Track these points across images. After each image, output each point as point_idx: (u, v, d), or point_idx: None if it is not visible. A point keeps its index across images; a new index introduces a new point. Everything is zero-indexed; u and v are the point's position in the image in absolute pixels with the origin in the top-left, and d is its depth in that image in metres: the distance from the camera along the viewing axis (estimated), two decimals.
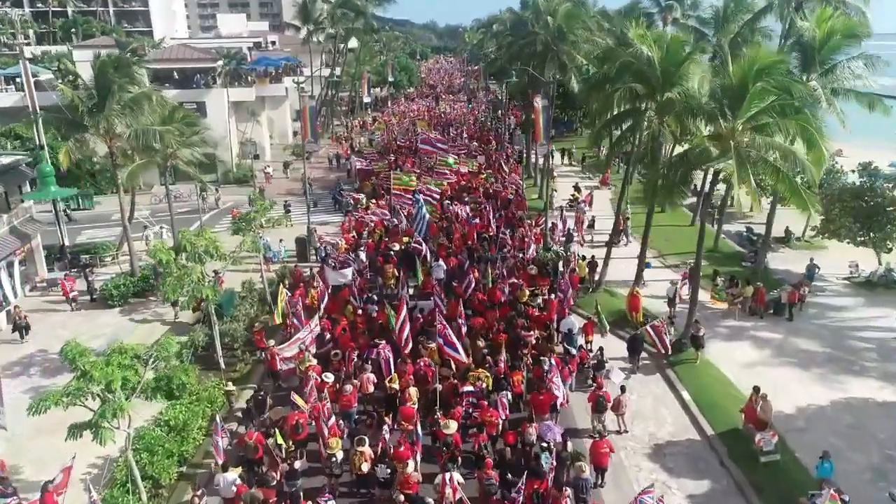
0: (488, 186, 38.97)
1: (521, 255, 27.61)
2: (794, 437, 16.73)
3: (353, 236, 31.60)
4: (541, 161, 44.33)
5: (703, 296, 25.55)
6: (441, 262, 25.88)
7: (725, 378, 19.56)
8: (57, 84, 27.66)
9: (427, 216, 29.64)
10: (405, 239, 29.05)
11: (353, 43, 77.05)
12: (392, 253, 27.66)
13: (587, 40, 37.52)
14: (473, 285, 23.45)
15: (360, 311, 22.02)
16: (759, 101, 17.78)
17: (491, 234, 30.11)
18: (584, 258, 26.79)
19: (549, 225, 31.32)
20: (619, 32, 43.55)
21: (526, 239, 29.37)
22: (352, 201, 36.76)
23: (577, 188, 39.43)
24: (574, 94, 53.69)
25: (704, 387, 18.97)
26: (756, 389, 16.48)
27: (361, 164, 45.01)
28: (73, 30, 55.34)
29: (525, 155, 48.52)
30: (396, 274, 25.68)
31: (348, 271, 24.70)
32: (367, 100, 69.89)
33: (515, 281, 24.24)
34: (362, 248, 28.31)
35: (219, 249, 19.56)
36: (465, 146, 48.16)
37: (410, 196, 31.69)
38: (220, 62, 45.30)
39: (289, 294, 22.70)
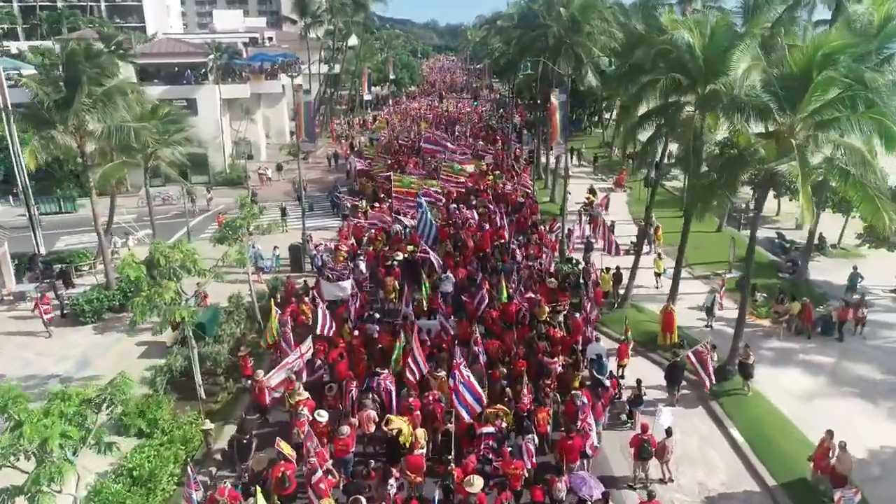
0: (497, 188, 36.44)
1: (536, 265, 25.09)
2: (869, 489, 14.13)
3: (353, 244, 29.10)
4: (553, 161, 41.88)
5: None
6: (449, 273, 23.32)
7: (779, 413, 16.99)
8: (20, 77, 25.08)
9: (431, 219, 27.16)
10: (409, 247, 26.50)
11: (354, 40, 74.70)
12: (395, 263, 25.11)
13: (604, 32, 35.02)
14: (486, 301, 20.91)
15: (357, 332, 19.44)
16: (823, 93, 15.26)
17: (503, 240, 27.59)
18: (607, 269, 24.17)
19: (566, 231, 28.73)
20: (633, 26, 41.30)
21: (541, 247, 26.83)
22: (349, 205, 34.08)
23: (592, 191, 36.84)
24: (583, 90, 51.45)
25: (757, 424, 16.41)
26: (829, 434, 13.93)
27: (361, 164, 42.48)
28: (58, 24, 52.84)
29: (535, 155, 45.91)
30: (398, 287, 23.16)
31: (347, 284, 22.15)
32: (367, 97, 67.32)
33: (533, 296, 21.70)
34: (362, 258, 25.76)
35: (197, 264, 17.00)
36: (471, 145, 45.53)
37: (413, 199, 29.14)
38: (211, 57, 42.71)
39: (279, 311, 20.19)
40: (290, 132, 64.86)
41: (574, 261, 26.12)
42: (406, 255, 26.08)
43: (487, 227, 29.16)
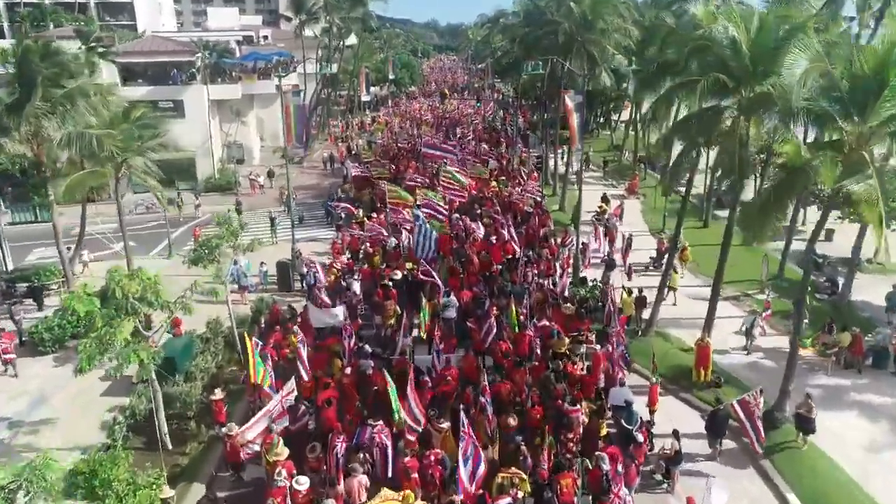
0: (503, 196, 33.93)
1: (549, 284, 22.62)
2: None
3: (348, 259, 26.63)
4: (562, 166, 39.53)
5: (781, 341, 20.62)
6: (452, 297, 20.82)
7: (840, 470, 14.50)
8: None
9: (434, 233, 24.60)
10: (408, 265, 24.04)
11: (352, 39, 72.22)
12: (392, 284, 22.62)
13: (618, 29, 32.56)
14: (494, 331, 18.44)
15: (348, 371, 16.96)
16: None
17: (511, 255, 25.11)
18: (629, 291, 21.67)
19: (580, 245, 26.19)
20: (647, 23, 38.85)
21: (554, 263, 24.35)
22: (344, 214, 31.56)
23: (605, 199, 34.32)
24: (590, 90, 48.95)
25: (816, 486, 13.91)
26: None
27: (357, 169, 40.03)
28: (41, 21, 50.38)
29: (543, 159, 43.48)
30: (399, 312, 20.72)
31: (338, 310, 19.65)
32: (365, 98, 64.74)
33: (547, 323, 19.23)
34: (356, 277, 23.26)
35: (160, 295, 14.55)
36: (474, 150, 42.98)
37: (410, 212, 26.73)
38: (199, 56, 40.22)
39: (260, 343, 17.73)
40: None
41: (591, 282, 23.57)
42: (405, 273, 23.62)
43: (494, 240, 26.74)
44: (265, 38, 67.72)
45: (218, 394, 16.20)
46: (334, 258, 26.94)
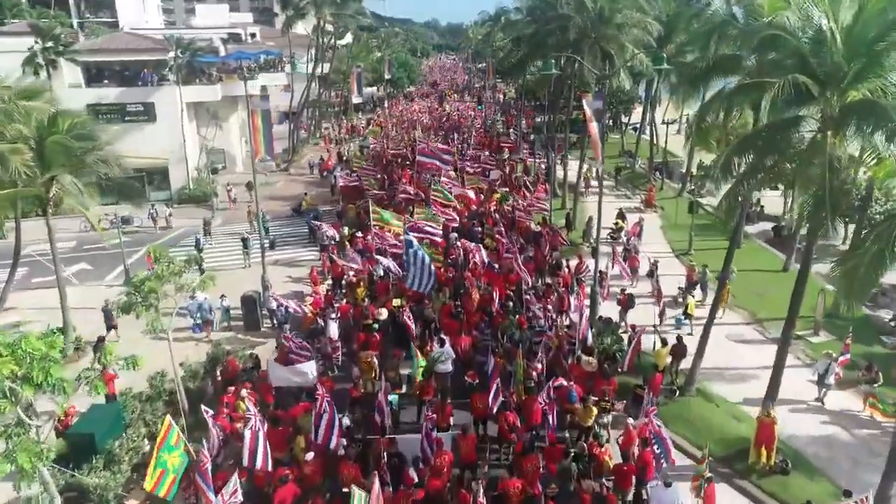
0: (506, 211, 30.15)
1: (564, 328, 18.84)
2: None
3: (327, 290, 22.85)
4: (568, 173, 35.86)
5: (848, 400, 16.92)
6: (448, 346, 17.01)
7: None
8: None
9: (428, 261, 20.71)
10: (395, 302, 20.25)
11: (348, 38, 68.52)
12: (377, 325, 18.86)
13: (637, 24, 28.80)
14: (500, 399, 14.68)
15: (311, 457, 13.15)
16: None
17: (523, 286, 21.09)
18: (664, 340, 17.81)
19: (596, 274, 22.29)
20: (664, 18, 35.14)
21: (570, 300, 20.53)
22: (328, 234, 27.78)
23: (621, 215, 30.50)
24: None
25: None
26: None
27: (345, 179, 36.25)
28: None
29: (549, 167, 39.69)
30: (375, 366, 16.96)
31: (308, 367, 15.84)
32: (357, 100, 60.81)
33: (564, 383, 15.46)
34: (333, 316, 19.43)
35: (52, 373, 10.73)
36: (476, 157, 39.13)
37: (395, 240, 22.99)
38: (172, 54, 36.42)
39: (210, 411, 14.02)
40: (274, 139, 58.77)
41: (614, 325, 19.75)
42: (393, 310, 19.86)
43: (496, 266, 22.96)
44: (253, 35, 64.02)
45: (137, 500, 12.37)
46: (312, 288, 23.22)
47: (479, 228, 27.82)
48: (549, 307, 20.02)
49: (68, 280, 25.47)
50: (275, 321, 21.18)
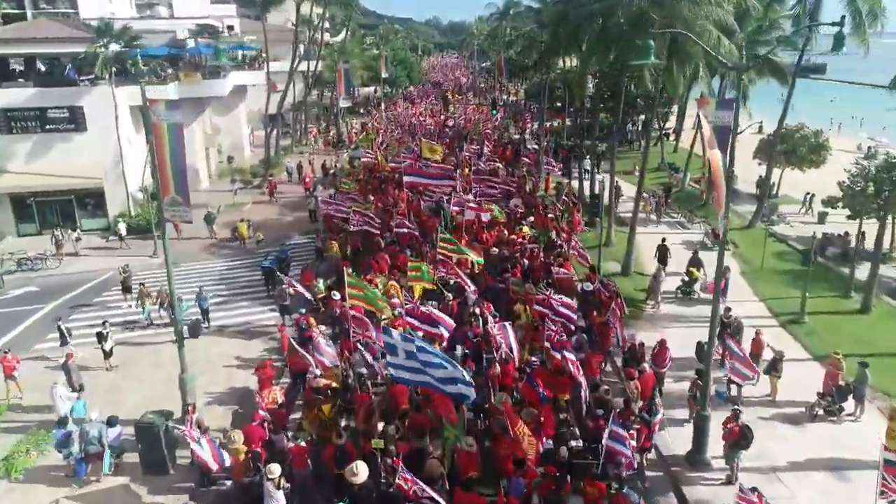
0: (538, 257, 22.06)
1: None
2: None
3: (280, 404, 14.70)
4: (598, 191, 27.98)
5: None
6: None
7: None
8: None
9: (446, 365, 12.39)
10: (374, 443, 12.20)
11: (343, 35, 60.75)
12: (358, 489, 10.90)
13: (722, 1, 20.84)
14: None
15: None
16: None
17: (577, 403, 13.34)
18: None
19: (708, 381, 14.30)
20: None
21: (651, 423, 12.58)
22: (291, 291, 19.61)
23: (695, 260, 22.30)
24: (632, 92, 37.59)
25: None
26: None
27: (326, 204, 28.27)
28: None
29: (585, 186, 31.77)
30: None
31: None
32: (343, 104, 52.59)
33: None
34: (270, 481, 11.40)
35: None
36: (495, 174, 30.75)
37: (371, 325, 15.05)
38: (99, 46, 28.34)
39: None
40: (250, 145, 50.85)
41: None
42: (376, 451, 11.90)
43: (533, 366, 14.84)
44: (231, 28, 56.14)
45: None
46: (257, 394, 15.13)
47: (503, 280, 19.83)
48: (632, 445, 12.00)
49: None
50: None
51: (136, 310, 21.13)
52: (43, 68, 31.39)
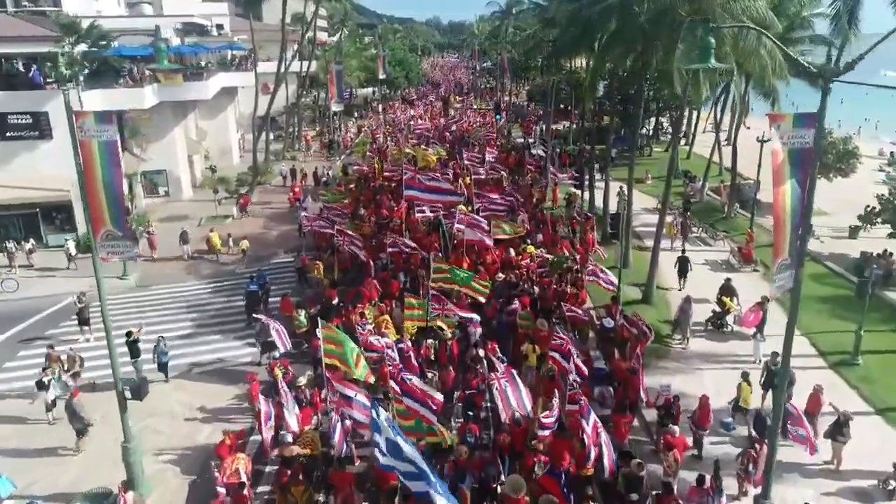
0: (549, 284, 19.49)
1: None
2: None
3: (246, 479, 12.12)
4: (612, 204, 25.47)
5: None
6: None
7: None
8: None
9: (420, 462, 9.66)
10: None
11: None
12: None
13: None
14: None
15: None
16: None
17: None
18: None
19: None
20: None
21: None
22: (273, 327, 16.92)
23: (727, 289, 19.61)
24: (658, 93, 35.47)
25: None
26: None
27: (310, 221, 25.61)
28: None
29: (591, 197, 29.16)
30: None
31: None
32: (335, 108, 49.87)
33: None
34: None
35: None
36: (493, 197, 27.63)
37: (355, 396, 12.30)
38: (64, 45, 25.75)
39: None
40: (239, 151, 48.22)
41: None
42: None
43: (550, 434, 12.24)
44: (220, 27, 53.61)
45: None
46: (220, 463, 12.50)
47: (510, 312, 17.28)
48: None
49: None
50: None
51: (93, 344, 18.55)
52: (2, 70, 28.77)
